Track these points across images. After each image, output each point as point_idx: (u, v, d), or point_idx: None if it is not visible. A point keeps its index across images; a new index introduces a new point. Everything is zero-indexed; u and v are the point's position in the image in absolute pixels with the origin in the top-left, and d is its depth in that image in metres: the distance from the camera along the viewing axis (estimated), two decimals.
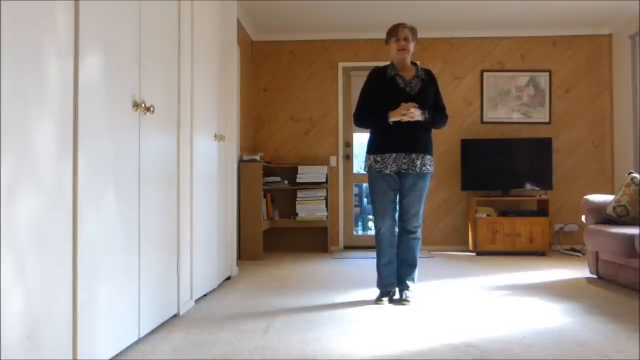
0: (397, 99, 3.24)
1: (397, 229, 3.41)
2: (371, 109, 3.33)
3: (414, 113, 3.17)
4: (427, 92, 3.31)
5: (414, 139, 3.25)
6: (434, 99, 3.36)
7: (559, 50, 6.18)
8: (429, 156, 3.30)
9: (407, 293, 3.33)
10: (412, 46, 3.33)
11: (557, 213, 6.00)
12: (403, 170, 3.25)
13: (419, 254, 3.40)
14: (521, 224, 5.61)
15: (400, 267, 3.39)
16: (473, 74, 6.22)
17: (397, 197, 3.35)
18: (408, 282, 3.37)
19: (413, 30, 3.35)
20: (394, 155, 3.24)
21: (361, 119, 3.41)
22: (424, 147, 3.27)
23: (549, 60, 6.18)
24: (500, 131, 6.12)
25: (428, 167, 3.29)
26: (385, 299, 3.31)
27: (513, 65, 6.20)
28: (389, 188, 3.29)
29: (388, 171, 3.25)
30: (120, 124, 2.25)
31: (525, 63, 6.19)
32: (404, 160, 3.23)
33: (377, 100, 3.31)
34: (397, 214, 3.41)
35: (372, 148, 3.33)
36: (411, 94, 3.28)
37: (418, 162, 3.24)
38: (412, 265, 3.38)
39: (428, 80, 3.36)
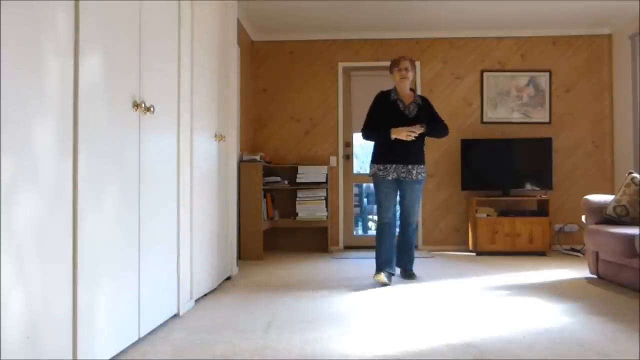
0: (397, 120, 4.01)
1: (397, 221, 4.20)
2: (376, 126, 4.05)
3: (414, 134, 3.91)
4: (422, 115, 4.05)
5: (410, 153, 4.00)
6: (432, 119, 4.08)
7: (559, 50, 6.18)
8: (422, 166, 4.08)
9: (409, 272, 4.15)
10: (411, 75, 4.06)
11: (557, 213, 6.00)
12: (401, 178, 4.01)
13: (415, 239, 4.32)
14: (521, 224, 5.61)
15: (402, 252, 4.15)
16: (473, 74, 6.22)
17: (397, 195, 4.12)
18: (409, 267, 4.18)
19: (412, 62, 4.11)
20: (394, 165, 4.01)
21: (369, 135, 4.13)
22: (418, 159, 4.05)
23: (549, 60, 6.18)
24: (500, 131, 6.12)
25: (422, 174, 4.07)
26: (383, 274, 3.88)
27: (513, 65, 6.20)
28: (391, 189, 4.04)
29: (390, 177, 4.01)
30: (120, 124, 2.25)
31: (525, 63, 6.19)
32: (402, 170, 4.01)
33: (381, 119, 4.03)
34: (396, 209, 4.16)
35: (377, 159, 4.09)
36: (409, 116, 4.03)
37: (414, 172, 4.02)
38: (411, 248, 4.19)
39: (423, 106, 4.11)
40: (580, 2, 5.31)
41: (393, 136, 3.93)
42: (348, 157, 6.29)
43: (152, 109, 2.47)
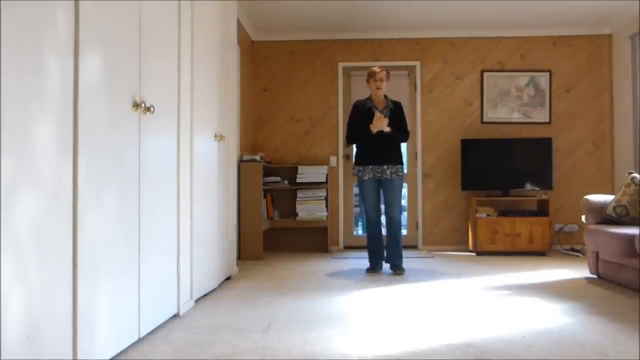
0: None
1: (382, 217, 4.56)
2: (356, 130, 4.50)
3: (384, 121, 4.33)
4: (392, 118, 4.47)
5: (385, 155, 4.43)
6: (400, 123, 4.49)
7: (559, 50, 6.18)
8: (399, 165, 4.47)
9: (398, 267, 4.39)
10: (385, 85, 4.50)
11: (557, 213, 6.00)
12: (377, 177, 4.45)
13: (401, 234, 4.51)
14: (521, 224, 5.61)
15: (389, 248, 4.43)
16: (473, 74, 6.22)
17: (379, 193, 4.51)
18: (397, 263, 4.40)
19: (387, 73, 4.55)
20: (371, 166, 4.45)
21: (352, 138, 4.59)
22: (394, 160, 4.45)
23: (549, 60, 6.18)
24: (500, 131, 6.12)
25: (399, 173, 4.45)
26: (376, 270, 4.47)
27: (513, 65, 6.20)
28: (371, 187, 4.47)
29: (366, 177, 4.46)
30: (120, 124, 2.25)
31: (525, 63, 6.20)
32: (378, 170, 4.44)
33: (359, 124, 4.49)
34: (381, 205, 4.56)
35: (357, 160, 4.57)
36: None
37: (388, 171, 4.43)
38: (397, 245, 4.44)
39: (394, 110, 4.52)
40: (580, 2, 5.31)
41: (374, 130, 4.35)
42: (348, 157, 6.29)
43: (152, 109, 2.47)
